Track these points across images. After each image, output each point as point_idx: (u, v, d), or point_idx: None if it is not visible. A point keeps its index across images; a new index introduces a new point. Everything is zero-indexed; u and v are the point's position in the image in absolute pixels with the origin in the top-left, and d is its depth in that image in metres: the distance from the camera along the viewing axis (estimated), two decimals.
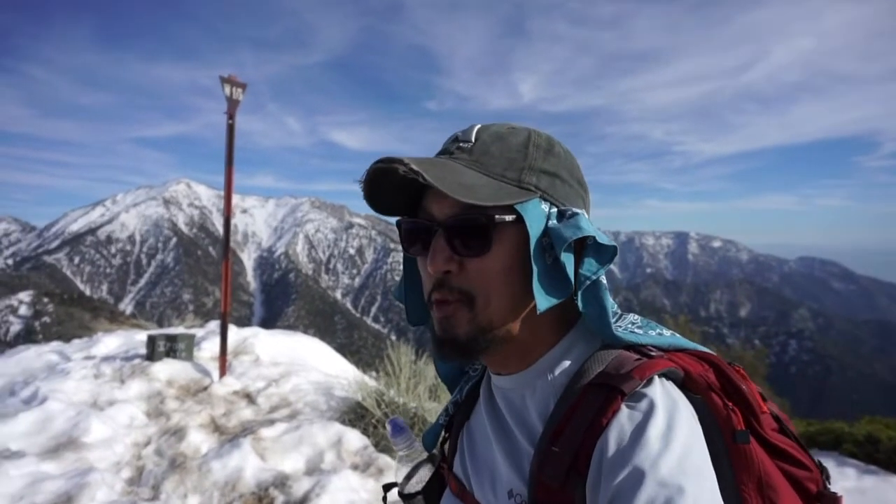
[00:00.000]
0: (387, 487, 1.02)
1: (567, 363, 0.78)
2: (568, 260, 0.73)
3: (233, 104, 6.21)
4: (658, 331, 0.81)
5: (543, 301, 0.71)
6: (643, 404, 0.65)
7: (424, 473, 0.97)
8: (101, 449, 4.52)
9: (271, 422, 5.21)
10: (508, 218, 0.73)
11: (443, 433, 1.01)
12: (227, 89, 6.14)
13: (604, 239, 0.75)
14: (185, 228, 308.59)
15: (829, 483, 0.77)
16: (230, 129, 6.26)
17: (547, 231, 0.74)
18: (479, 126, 0.80)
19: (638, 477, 0.58)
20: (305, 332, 10.15)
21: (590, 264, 0.76)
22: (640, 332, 0.78)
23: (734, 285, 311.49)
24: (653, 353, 0.73)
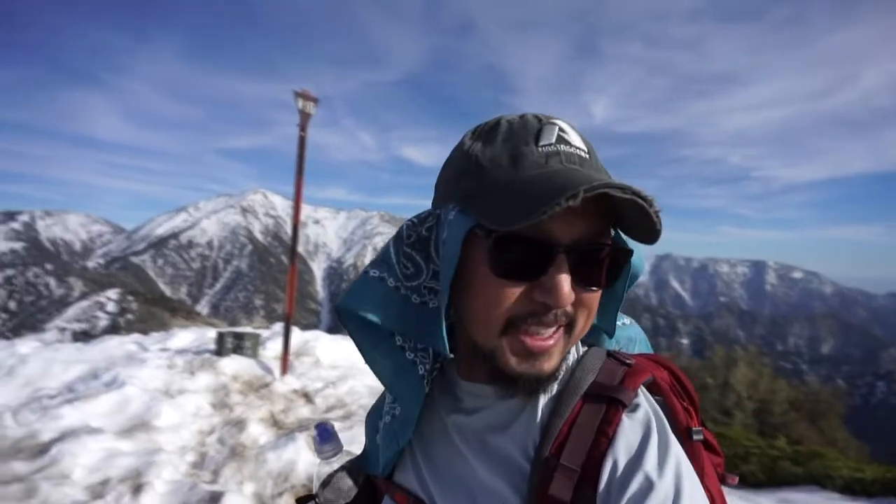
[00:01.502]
0: (302, 500, 0.93)
1: (558, 371, 0.75)
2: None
3: (305, 117, 6.56)
4: (622, 321, 0.87)
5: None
6: (640, 415, 0.69)
7: (346, 483, 0.88)
8: (169, 433, 4.85)
9: (327, 421, 5.40)
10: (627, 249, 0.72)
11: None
12: (300, 103, 6.49)
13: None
14: (260, 236, 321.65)
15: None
16: (301, 141, 6.61)
17: None
18: (563, 121, 0.72)
19: (648, 484, 0.61)
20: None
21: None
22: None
23: (816, 319, 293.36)
24: (629, 361, 0.76)
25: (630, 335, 0.90)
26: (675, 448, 0.66)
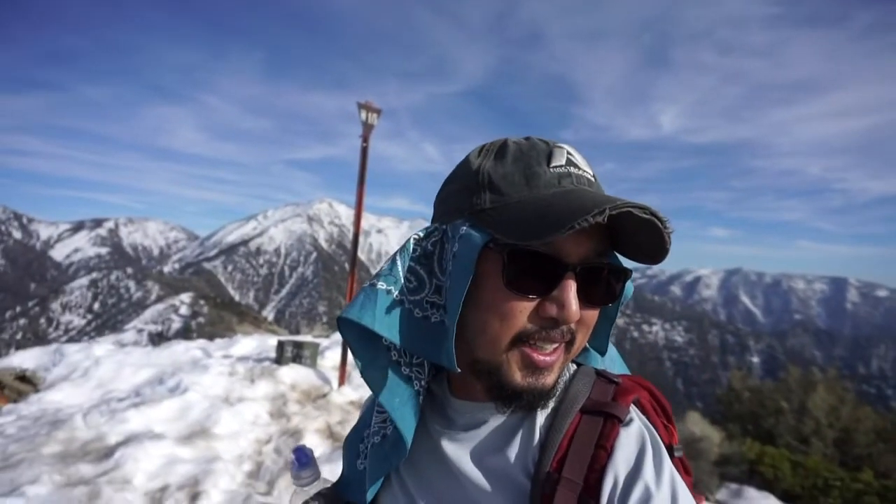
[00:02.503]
0: None
1: (555, 388, 0.76)
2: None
3: (367, 128, 6.60)
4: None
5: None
6: (634, 429, 0.71)
7: None
8: (227, 441, 4.91)
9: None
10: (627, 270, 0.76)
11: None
12: (363, 114, 6.54)
13: None
14: (324, 244, 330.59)
15: None
16: (364, 152, 6.65)
17: None
18: (568, 146, 0.74)
19: (647, 495, 0.63)
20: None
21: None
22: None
23: None
24: (616, 380, 0.79)
25: (611, 355, 0.92)
26: (669, 461, 0.68)
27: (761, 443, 9.33)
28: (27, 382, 6.36)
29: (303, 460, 0.84)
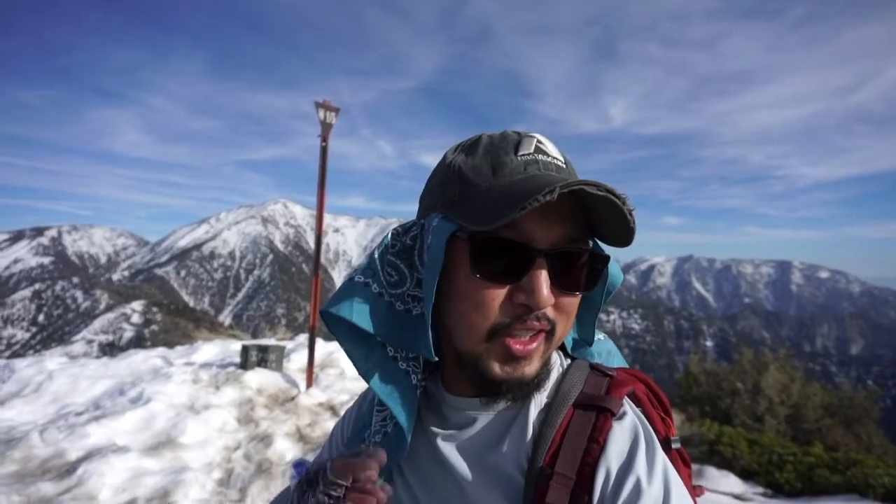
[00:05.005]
0: None
1: (545, 383, 0.77)
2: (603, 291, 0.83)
3: (326, 127, 6.53)
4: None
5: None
6: (627, 423, 0.71)
7: None
8: (195, 449, 4.80)
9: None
10: (604, 257, 0.76)
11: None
12: (322, 113, 6.47)
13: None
14: (280, 246, 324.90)
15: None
16: (323, 152, 6.57)
17: None
18: (539, 136, 0.75)
19: (639, 489, 0.64)
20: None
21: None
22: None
23: (844, 320, 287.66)
24: (610, 373, 0.79)
25: (609, 349, 0.93)
26: (662, 454, 0.69)
27: (719, 423, 9.66)
28: None
29: (301, 472, 0.82)
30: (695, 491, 0.81)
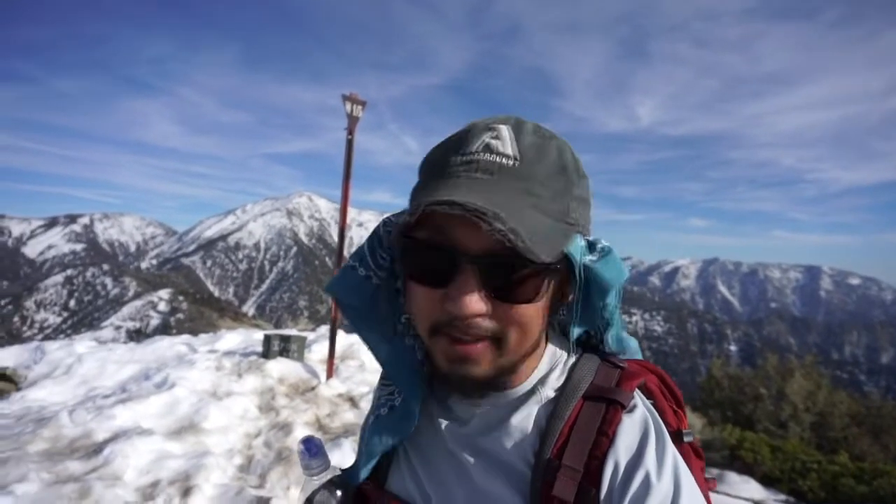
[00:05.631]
0: None
1: (553, 376, 0.76)
2: (613, 301, 0.75)
3: (353, 120, 6.56)
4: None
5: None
6: (637, 415, 0.70)
7: (334, 499, 0.83)
8: (217, 435, 4.89)
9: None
10: (558, 266, 0.66)
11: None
12: (348, 106, 6.51)
13: (623, 272, 0.74)
14: (305, 238, 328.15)
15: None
16: (349, 145, 6.61)
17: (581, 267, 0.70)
18: (509, 126, 0.69)
19: (648, 483, 0.63)
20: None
21: (613, 296, 0.75)
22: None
23: (875, 328, 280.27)
24: (622, 364, 0.78)
25: (634, 347, 0.89)
26: (672, 447, 0.68)
27: (741, 428, 9.52)
28: (8, 381, 6.26)
29: (312, 451, 0.85)
30: (707, 484, 0.81)
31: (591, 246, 0.72)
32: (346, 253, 6.90)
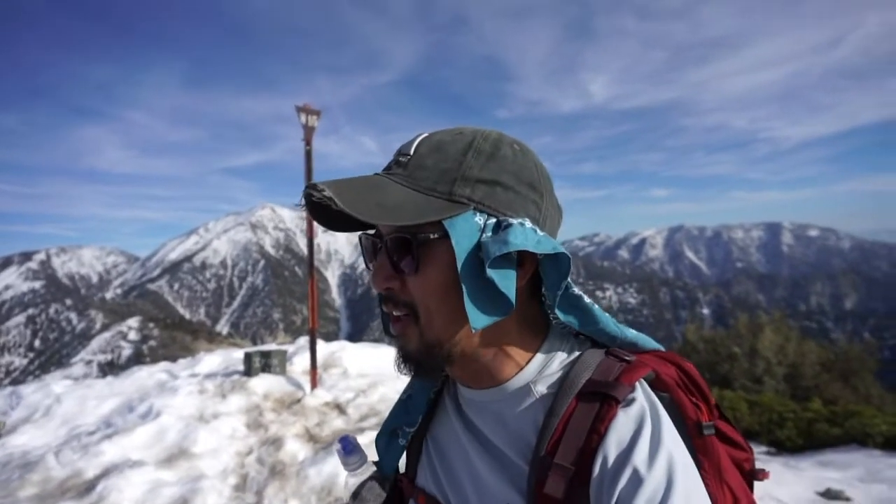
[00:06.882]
0: None
1: (550, 371, 0.76)
2: (502, 276, 0.68)
3: (309, 131, 6.57)
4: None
5: (478, 319, 0.67)
6: (634, 409, 0.68)
7: (376, 492, 0.89)
8: (208, 458, 4.90)
9: (361, 430, 5.47)
10: (434, 235, 0.69)
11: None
12: (303, 117, 6.51)
13: (546, 248, 0.69)
14: (271, 251, 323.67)
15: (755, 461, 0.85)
16: (308, 155, 6.63)
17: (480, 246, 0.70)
18: (422, 136, 0.76)
19: (638, 478, 0.61)
20: (390, 344, 10.48)
21: (552, 276, 0.72)
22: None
23: (837, 276, 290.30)
24: (628, 358, 0.74)
25: (644, 340, 0.87)
26: (669, 441, 0.65)
27: (719, 388, 9.84)
28: None
29: (348, 448, 0.90)
30: (755, 475, 0.83)
31: (498, 225, 0.70)
32: (315, 261, 6.92)
